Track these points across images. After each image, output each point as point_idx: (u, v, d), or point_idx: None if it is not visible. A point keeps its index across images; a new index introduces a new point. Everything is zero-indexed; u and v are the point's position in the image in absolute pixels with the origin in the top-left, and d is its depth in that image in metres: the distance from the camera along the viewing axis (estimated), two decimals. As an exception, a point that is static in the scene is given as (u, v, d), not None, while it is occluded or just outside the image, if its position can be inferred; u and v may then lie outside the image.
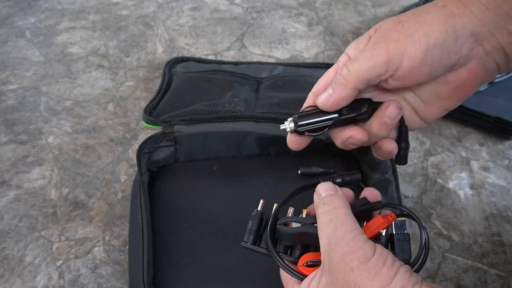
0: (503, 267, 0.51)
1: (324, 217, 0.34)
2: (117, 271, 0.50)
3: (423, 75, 0.35)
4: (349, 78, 0.36)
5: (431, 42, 0.33)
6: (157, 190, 0.55)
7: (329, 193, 0.36)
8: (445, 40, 0.33)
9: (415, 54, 0.34)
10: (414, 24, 0.34)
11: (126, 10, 0.84)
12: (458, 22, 0.33)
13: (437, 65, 0.34)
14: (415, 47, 0.34)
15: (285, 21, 0.83)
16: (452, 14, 0.34)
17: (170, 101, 0.61)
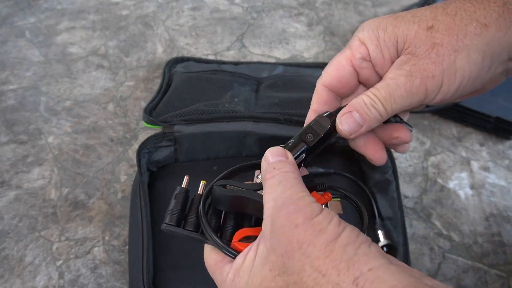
0: (503, 267, 0.51)
1: (273, 180, 0.31)
2: (117, 271, 0.50)
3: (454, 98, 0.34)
4: (384, 114, 0.34)
5: (465, 77, 0.31)
6: (157, 190, 0.55)
7: (279, 159, 0.33)
8: (480, 72, 0.31)
9: (448, 90, 0.32)
10: (450, 53, 0.31)
11: (126, 10, 0.84)
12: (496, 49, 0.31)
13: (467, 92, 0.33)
14: (450, 84, 0.31)
15: (285, 21, 0.82)
16: (493, 39, 0.30)
17: (170, 101, 0.61)
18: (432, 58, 0.31)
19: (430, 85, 0.31)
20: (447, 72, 0.31)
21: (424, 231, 0.54)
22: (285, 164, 0.32)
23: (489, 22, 0.30)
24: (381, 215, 0.52)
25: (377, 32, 0.34)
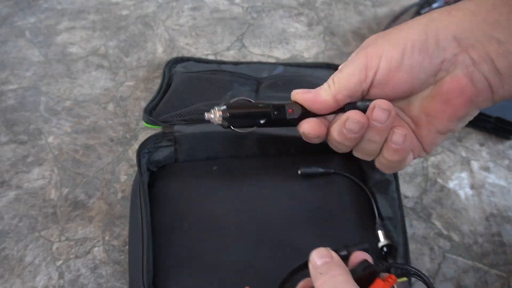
0: (503, 267, 0.51)
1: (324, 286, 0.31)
2: (117, 271, 0.50)
3: (405, 81, 0.33)
4: (331, 86, 0.34)
5: (408, 42, 0.32)
6: (157, 190, 0.55)
7: (325, 261, 0.33)
8: (425, 41, 0.32)
9: (392, 55, 0.32)
10: (395, 31, 0.33)
11: (126, 10, 0.84)
12: (439, 26, 0.32)
13: (418, 70, 0.32)
14: (392, 48, 0.32)
15: (285, 21, 0.82)
16: (434, 18, 0.32)
17: (170, 101, 0.61)
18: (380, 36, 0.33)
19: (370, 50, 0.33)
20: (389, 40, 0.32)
21: (424, 231, 0.54)
22: (331, 267, 0.32)
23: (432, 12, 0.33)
24: (381, 215, 0.52)
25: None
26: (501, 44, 0.30)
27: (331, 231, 0.51)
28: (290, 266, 0.48)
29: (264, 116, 0.35)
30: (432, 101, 0.34)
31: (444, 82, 0.32)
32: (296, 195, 0.54)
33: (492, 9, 0.30)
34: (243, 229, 0.51)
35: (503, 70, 0.31)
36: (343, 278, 0.31)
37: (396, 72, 0.32)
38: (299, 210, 0.52)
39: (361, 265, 0.33)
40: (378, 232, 0.50)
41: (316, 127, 0.36)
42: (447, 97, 0.33)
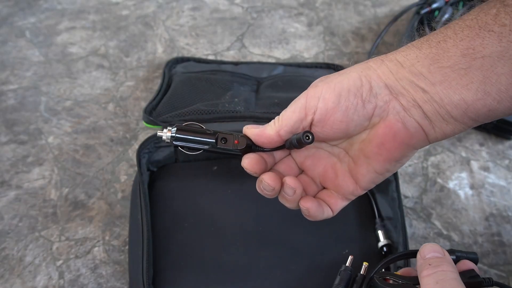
0: (503, 267, 0.51)
1: (429, 279, 0.32)
2: (117, 271, 0.50)
3: (340, 122, 0.36)
4: (276, 123, 0.37)
5: (344, 86, 0.35)
6: (157, 190, 0.55)
7: (435, 255, 0.33)
8: (360, 87, 0.35)
9: (329, 96, 0.35)
10: (335, 76, 0.36)
11: (126, 10, 0.84)
12: (373, 73, 0.35)
13: (352, 112, 0.35)
14: (329, 90, 0.35)
15: (285, 21, 0.83)
16: (369, 67, 0.35)
17: (170, 101, 0.61)
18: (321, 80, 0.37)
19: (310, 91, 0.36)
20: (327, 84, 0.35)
21: (424, 231, 0.54)
22: (441, 262, 0.33)
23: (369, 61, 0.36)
24: (381, 215, 0.52)
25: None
26: (425, 92, 0.33)
27: (331, 231, 0.51)
28: (290, 266, 0.48)
29: (209, 143, 0.37)
30: (369, 144, 0.37)
31: (379, 127, 0.36)
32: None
33: (416, 61, 0.33)
34: (243, 229, 0.51)
35: (430, 115, 0.34)
36: (452, 276, 0.31)
37: (333, 113, 0.35)
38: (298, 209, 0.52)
39: (468, 273, 0.34)
40: (378, 232, 0.50)
41: (254, 163, 0.38)
42: (382, 140, 0.36)
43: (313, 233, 0.51)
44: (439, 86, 0.33)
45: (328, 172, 0.40)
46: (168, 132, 0.37)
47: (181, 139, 0.37)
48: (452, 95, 0.32)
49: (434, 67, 0.33)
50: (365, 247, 0.50)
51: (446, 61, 0.32)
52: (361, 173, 0.38)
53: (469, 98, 0.32)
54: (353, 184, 0.39)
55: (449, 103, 0.33)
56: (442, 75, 0.32)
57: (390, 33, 0.79)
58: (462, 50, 0.31)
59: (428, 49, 0.33)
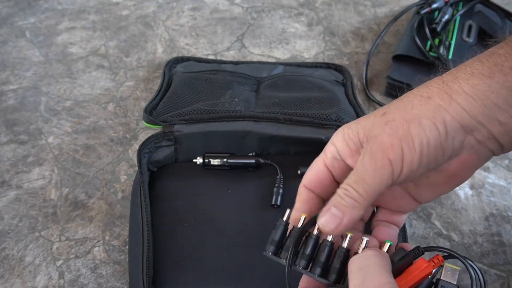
0: (503, 267, 0.51)
1: (353, 265, 0.32)
2: (117, 271, 0.50)
3: (419, 175, 0.34)
4: (361, 200, 0.33)
5: (424, 142, 0.32)
6: (157, 190, 0.55)
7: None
8: (437, 137, 0.32)
9: (411, 158, 0.32)
10: (402, 124, 0.32)
11: (126, 10, 0.84)
12: (446, 115, 0.32)
13: (433, 164, 0.33)
14: (411, 151, 0.32)
15: (285, 21, 0.83)
16: (439, 108, 0.32)
17: (170, 101, 0.61)
18: (387, 132, 0.32)
19: (391, 155, 0.32)
20: (404, 140, 0.32)
21: (424, 231, 0.54)
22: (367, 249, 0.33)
23: (431, 95, 0.32)
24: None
25: (343, 131, 0.36)
26: (503, 125, 0.31)
27: (331, 231, 0.51)
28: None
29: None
30: (438, 175, 0.35)
31: (451, 162, 0.34)
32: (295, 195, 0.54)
33: (489, 93, 0.31)
34: (243, 229, 0.51)
35: (505, 144, 0.33)
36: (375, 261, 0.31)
37: (416, 172, 0.33)
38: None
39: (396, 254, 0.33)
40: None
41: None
42: (453, 173, 0.35)
43: (313, 233, 0.51)
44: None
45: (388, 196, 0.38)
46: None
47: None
48: None
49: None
50: (365, 247, 0.50)
51: None
52: (424, 196, 0.37)
53: None
54: (414, 202, 0.38)
55: None
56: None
57: (390, 33, 0.79)
58: None
59: (502, 77, 0.31)
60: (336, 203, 0.34)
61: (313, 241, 0.35)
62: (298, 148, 0.58)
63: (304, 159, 0.57)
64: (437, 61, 0.65)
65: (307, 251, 0.35)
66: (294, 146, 0.58)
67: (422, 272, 0.32)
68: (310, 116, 0.57)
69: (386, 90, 0.69)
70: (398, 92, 0.38)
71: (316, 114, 0.57)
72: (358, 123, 0.35)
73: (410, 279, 0.32)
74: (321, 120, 0.57)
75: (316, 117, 0.57)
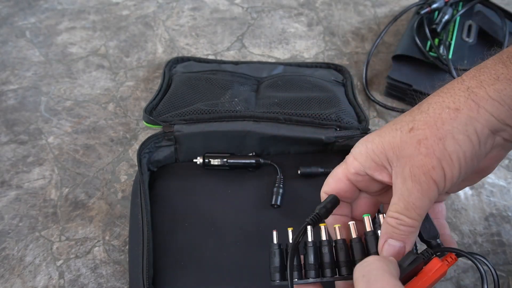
0: (503, 267, 0.51)
1: (356, 273, 0.32)
2: (117, 271, 0.50)
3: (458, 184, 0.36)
4: (415, 224, 0.34)
5: (461, 156, 0.32)
6: (158, 190, 0.55)
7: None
8: (471, 149, 0.32)
9: (452, 174, 0.33)
10: (437, 142, 0.33)
11: (126, 10, 0.84)
12: (477, 125, 0.32)
13: (470, 171, 0.34)
14: (451, 169, 0.33)
15: (285, 21, 0.83)
16: (470, 119, 0.32)
17: (170, 101, 0.61)
18: (423, 152, 0.33)
19: (435, 176, 0.33)
20: (443, 159, 0.32)
21: (424, 231, 0.54)
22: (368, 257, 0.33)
23: (459, 106, 0.33)
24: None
25: (365, 145, 0.36)
26: None
27: (331, 231, 0.51)
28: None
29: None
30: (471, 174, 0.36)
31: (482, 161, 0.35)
32: (295, 195, 0.54)
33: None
34: (243, 229, 0.51)
35: None
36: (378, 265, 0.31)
37: (457, 182, 0.34)
38: (298, 209, 0.52)
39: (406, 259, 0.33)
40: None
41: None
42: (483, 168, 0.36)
43: (313, 233, 0.51)
44: None
45: None
46: None
47: None
48: None
49: None
50: (365, 247, 0.50)
51: None
52: (454, 189, 0.39)
53: None
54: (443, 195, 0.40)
55: None
56: None
57: (390, 33, 0.79)
58: None
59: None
60: (393, 235, 0.35)
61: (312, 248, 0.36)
62: (298, 148, 0.58)
63: (304, 159, 0.57)
64: (437, 61, 0.65)
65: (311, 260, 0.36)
66: (294, 146, 0.58)
67: (437, 272, 0.32)
68: (310, 116, 0.57)
69: (386, 90, 0.69)
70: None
71: (316, 114, 0.57)
72: (382, 137, 0.35)
73: (425, 280, 0.32)
74: (321, 120, 0.57)
75: (316, 117, 0.57)
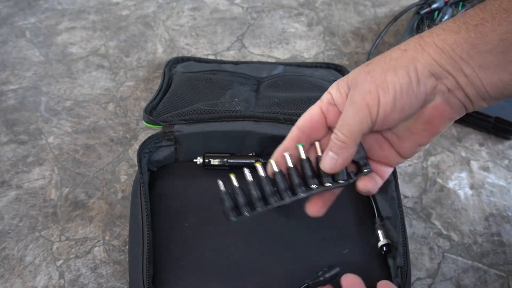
0: (503, 267, 0.51)
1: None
2: (117, 271, 0.50)
3: (397, 119, 0.38)
4: (347, 140, 0.39)
5: (397, 88, 0.36)
6: (157, 190, 0.55)
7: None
8: (409, 83, 0.36)
9: (385, 101, 0.36)
10: (380, 73, 0.37)
11: (126, 10, 0.84)
12: (418, 64, 0.36)
13: (408, 108, 0.37)
14: (385, 95, 0.36)
15: (285, 21, 0.83)
16: (412, 58, 0.36)
17: (170, 101, 0.61)
18: (368, 80, 0.37)
19: (369, 99, 0.37)
20: (380, 86, 0.36)
21: (424, 231, 0.54)
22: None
23: (407, 48, 0.37)
24: (381, 214, 0.52)
25: (337, 82, 0.41)
26: (467, 76, 0.35)
27: (330, 231, 0.51)
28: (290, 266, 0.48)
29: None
30: (415, 123, 0.39)
31: (426, 108, 0.38)
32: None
33: (455, 46, 0.35)
34: (243, 229, 0.51)
35: (471, 96, 0.36)
36: None
37: (391, 115, 0.37)
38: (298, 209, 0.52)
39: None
40: (378, 231, 0.50)
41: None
42: (429, 119, 0.39)
43: (313, 233, 0.51)
44: (478, 70, 0.34)
45: (374, 146, 0.42)
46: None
47: None
48: (491, 77, 0.34)
49: (474, 51, 0.34)
50: (365, 246, 0.50)
51: (485, 45, 0.34)
52: (405, 146, 0.41)
53: (506, 78, 0.34)
54: (396, 155, 0.42)
55: (488, 84, 0.35)
56: (482, 59, 0.34)
57: (390, 33, 0.79)
58: (500, 34, 0.33)
59: (466, 33, 0.34)
60: (331, 148, 0.40)
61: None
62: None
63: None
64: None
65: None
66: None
67: None
68: (310, 116, 0.57)
69: (386, 90, 0.69)
70: None
71: (316, 114, 0.57)
72: (349, 74, 0.40)
73: None
74: (321, 120, 0.57)
75: (316, 117, 0.57)
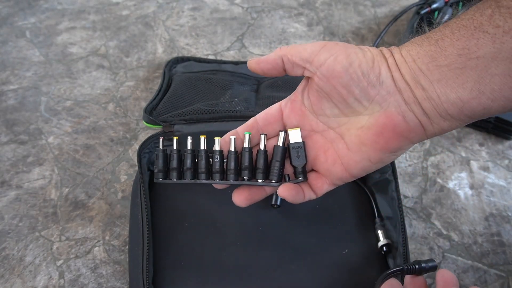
0: (503, 267, 0.51)
1: None
2: (117, 271, 0.50)
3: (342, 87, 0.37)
4: (283, 48, 0.39)
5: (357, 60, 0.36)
6: (158, 190, 0.55)
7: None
8: (370, 67, 0.36)
9: (340, 59, 0.36)
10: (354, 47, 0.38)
11: (126, 10, 0.84)
12: (384, 62, 0.36)
13: (356, 84, 0.36)
14: (344, 55, 0.36)
15: (285, 21, 0.83)
16: (382, 55, 0.37)
17: (170, 101, 0.61)
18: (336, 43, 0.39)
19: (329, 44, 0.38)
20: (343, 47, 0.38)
21: (424, 231, 0.54)
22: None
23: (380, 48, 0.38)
24: (381, 214, 0.52)
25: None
26: (424, 90, 0.35)
27: (330, 230, 0.51)
28: (290, 266, 0.48)
29: None
30: (367, 131, 0.38)
31: (379, 116, 0.37)
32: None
33: (416, 58, 0.35)
34: (243, 229, 0.51)
35: (429, 112, 0.35)
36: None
37: (339, 76, 0.36)
38: (298, 209, 0.52)
39: None
40: (378, 231, 0.50)
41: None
42: (381, 130, 0.37)
43: (313, 233, 0.51)
44: (436, 84, 0.34)
45: (320, 157, 0.41)
46: None
47: None
48: (449, 93, 0.34)
49: (432, 65, 0.34)
50: (365, 246, 0.50)
51: (443, 59, 0.33)
52: (354, 159, 0.39)
53: (465, 96, 0.33)
54: (343, 170, 0.40)
55: (446, 101, 0.34)
56: (440, 73, 0.34)
57: (390, 33, 0.79)
58: (458, 49, 0.33)
59: (427, 47, 0.34)
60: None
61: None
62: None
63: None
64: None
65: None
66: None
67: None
68: (310, 116, 0.57)
69: (386, 90, 0.69)
70: None
71: (316, 114, 0.57)
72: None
73: None
74: (321, 120, 0.57)
75: (316, 117, 0.57)
